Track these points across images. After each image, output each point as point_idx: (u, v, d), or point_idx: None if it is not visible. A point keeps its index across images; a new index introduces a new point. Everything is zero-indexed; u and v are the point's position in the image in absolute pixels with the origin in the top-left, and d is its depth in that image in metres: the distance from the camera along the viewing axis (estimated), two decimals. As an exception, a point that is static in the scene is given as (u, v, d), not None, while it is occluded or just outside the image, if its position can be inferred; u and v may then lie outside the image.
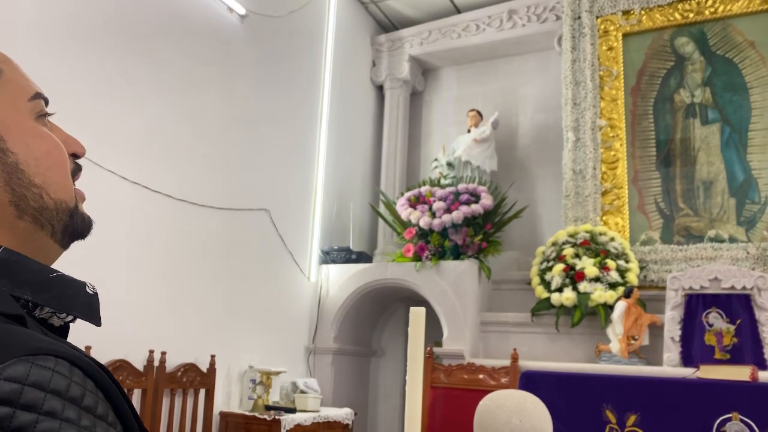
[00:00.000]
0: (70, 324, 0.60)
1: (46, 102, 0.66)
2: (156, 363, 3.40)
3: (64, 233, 0.64)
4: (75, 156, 0.68)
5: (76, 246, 0.67)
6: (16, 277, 0.54)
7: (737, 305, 3.75)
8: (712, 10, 4.64)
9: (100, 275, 3.09)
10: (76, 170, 0.68)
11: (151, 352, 3.39)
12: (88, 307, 0.59)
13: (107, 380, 0.49)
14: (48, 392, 0.44)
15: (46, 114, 0.66)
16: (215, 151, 4.06)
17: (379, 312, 5.39)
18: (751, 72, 4.49)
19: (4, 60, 0.64)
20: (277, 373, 4.10)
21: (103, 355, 3.09)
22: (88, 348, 2.95)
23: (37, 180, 0.60)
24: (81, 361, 0.48)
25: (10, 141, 0.60)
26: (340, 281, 4.90)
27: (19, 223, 0.60)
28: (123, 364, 3.21)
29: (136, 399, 3.33)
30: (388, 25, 6.16)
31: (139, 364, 3.32)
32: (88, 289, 0.60)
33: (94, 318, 0.59)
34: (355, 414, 4.47)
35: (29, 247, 0.60)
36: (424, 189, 4.92)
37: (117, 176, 3.30)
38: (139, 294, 3.42)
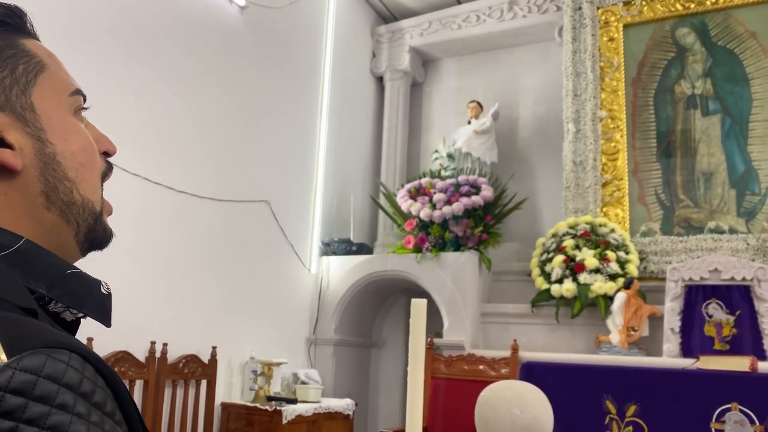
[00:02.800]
0: (82, 320, 0.61)
1: (84, 99, 0.67)
2: (158, 354, 3.41)
3: (86, 236, 0.64)
4: (106, 154, 0.69)
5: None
6: (34, 270, 0.55)
7: (737, 296, 3.76)
8: (714, 0, 4.62)
9: (101, 267, 3.09)
10: (108, 170, 0.69)
11: (153, 343, 3.40)
12: (101, 307, 0.60)
13: (116, 378, 0.50)
14: (62, 385, 0.44)
15: (83, 110, 0.67)
16: (216, 143, 4.05)
17: (380, 303, 5.40)
18: (752, 63, 4.48)
19: (49, 55, 0.65)
20: (278, 364, 4.12)
21: (105, 346, 3.11)
22: (90, 339, 2.97)
23: (70, 174, 0.61)
24: (93, 357, 0.48)
25: (51, 133, 0.60)
26: (340, 273, 4.91)
27: (46, 215, 0.60)
28: (125, 356, 3.22)
29: (137, 390, 3.34)
30: (388, 16, 6.14)
31: (140, 355, 3.33)
32: (102, 289, 0.61)
33: (105, 318, 0.60)
34: (356, 404, 4.49)
35: (53, 240, 0.60)
36: (424, 181, 4.92)
37: (118, 168, 3.29)
38: (141, 285, 3.43)
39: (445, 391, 4.05)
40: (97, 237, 0.65)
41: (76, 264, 0.64)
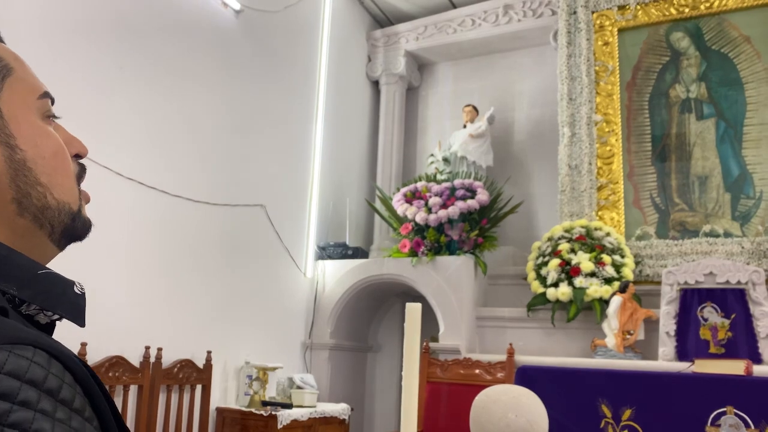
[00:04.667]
0: (57, 322, 0.60)
1: (53, 102, 0.66)
2: (152, 359, 3.39)
3: (62, 234, 0.63)
4: (78, 156, 0.68)
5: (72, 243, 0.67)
6: (4, 271, 0.54)
7: (732, 300, 3.76)
8: (708, 5, 4.64)
9: (95, 272, 3.09)
10: (81, 172, 0.68)
11: (147, 348, 3.38)
12: (74, 307, 0.58)
13: (86, 375, 0.48)
14: (24, 382, 0.43)
15: (53, 115, 0.66)
16: (211, 147, 4.05)
17: (376, 307, 5.39)
18: (747, 67, 4.49)
19: (15, 58, 0.64)
20: (274, 369, 4.10)
21: (99, 351, 3.09)
22: (84, 344, 2.95)
23: (42, 179, 0.60)
24: (61, 354, 0.47)
25: (20, 138, 0.59)
26: (336, 277, 4.90)
27: (18, 221, 0.59)
28: (119, 360, 3.21)
29: (132, 395, 3.32)
30: (383, 20, 6.15)
31: (135, 360, 3.32)
32: (75, 289, 0.59)
33: (79, 318, 0.58)
34: (352, 409, 4.48)
35: (25, 244, 0.59)
36: (420, 184, 4.92)
37: (112, 172, 3.29)
38: (135, 290, 3.41)
39: (441, 396, 4.04)
40: (76, 231, 0.65)
41: (54, 258, 0.64)
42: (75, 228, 0.64)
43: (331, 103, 5.26)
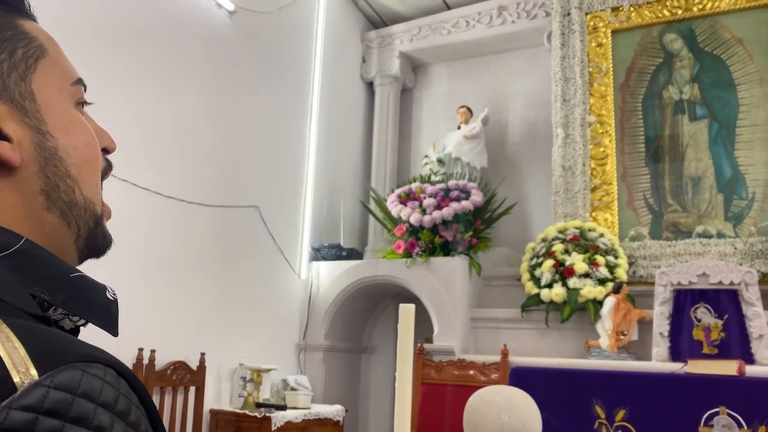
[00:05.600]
0: (81, 328, 0.56)
1: (85, 89, 0.62)
2: (145, 361, 3.38)
3: (86, 241, 0.59)
4: (105, 151, 0.64)
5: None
6: (35, 273, 0.49)
7: (725, 300, 3.78)
8: (700, 6, 4.66)
9: (87, 273, 3.07)
10: (108, 168, 0.64)
11: (141, 350, 3.37)
12: (107, 314, 0.54)
13: (147, 393, 0.46)
14: (99, 405, 0.40)
15: (85, 102, 0.62)
16: (204, 148, 4.04)
17: (370, 309, 5.39)
18: (739, 69, 4.51)
19: (49, 40, 0.60)
20: (268, 371, 4.09)
21: (92, 353, 3.07)
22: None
23: (72, 171, 0.56)
24: (126, 370, 0.44)
25: (52, 125, 0.55)
26: (330, 278, 4.89)
27: (46, 216, 0.54)
28: (112, 363, 3.19)
29: (125, 397, 3.31)
30: (378, 21, 6.15)
31: (128, 361, 3.30)
32: (108, 294, 0.56)
33: (112, 326, 0.55)
34: (346, 411, 4.47)
35: (53, 244, 0.55)
36: (414, 185, 4.92)
37: (105, 173, 3.28)
38: (128, 291, 3.40)
39: (435, 397, 4.04)
40: (97, 242, 0.60)
41: None
42: (96, 236, 0.59)
43: (325, 104, 5.26)
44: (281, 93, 4.81)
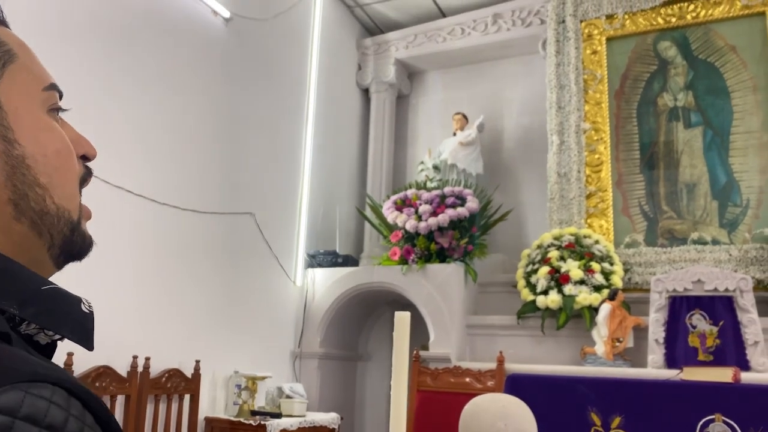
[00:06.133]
0: (59, 342, 0.54)
1: (60, 95, 0.60)
2: (140, 369, 3.36)
3: (62, 249, 0.57)
4: (85, 158, 0.62)
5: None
6: (3, 286, 0.48)
7: (720, 307, 3.78)
8: (694, 14, 4.69)
9: (80, 281, 3.05)
10: (87, 175, 0.61)
11: (135, 357, 3.35)
12: (81, 328, 0.52)
13: (106, 411, 0.44)
14: (43, 428, 0.38)
15: (60, 109, 0.60)
16: (200, 155, 4.03)
17: (366, 316, 5.38)
18: (733, 76, 4.54)
19: (20, 45, 0.58)
20: (263, 378, 4.08)
21: (86, 361, 3.06)
22: (71, 354, 2.92)
23: (42, 179, 0.54)
24: (80, 389, 0.42)
25: (19, 132, 0.53)
26: (326, 285, 4.88)
27: (15, 226, 0.53)
28: (106, 370, 3.17)
29: (119, 406, 3.29)
30: (373, 28, 6.17)
31: (122, 370, 3.28)
32: (83, 307, 0.53)
33: (87, 341, 0.52)
34: (342, 419, 4.46)
35: (23, 256, 0.53)
36: (410, 192, 4.92)
37: (99, 180, 3.26)
38: (122, 299, 3.39)
39: (431, 404, 4.03)
40: (75, 247, 0.58)
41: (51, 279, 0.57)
42: (74, 242, 0.57)
43: (321, 111, 5.26)
44: (277, 100, 4.81)
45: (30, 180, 0.53)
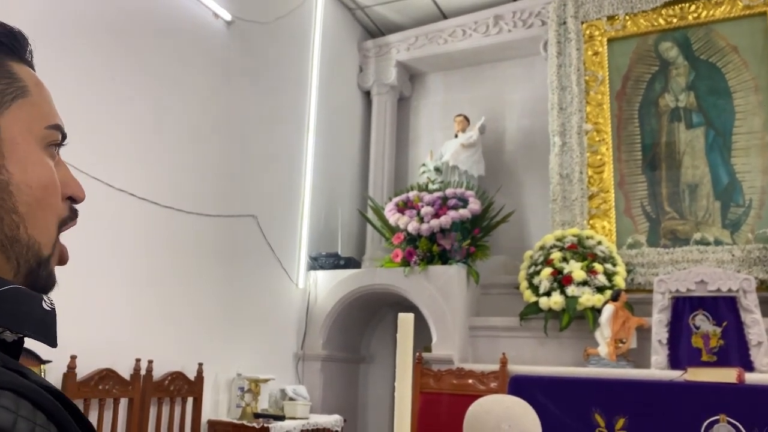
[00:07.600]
0: (26, 338, 0.55)
1: (64, 137, 0.63)
2: (143, 372, 3.36)
3: (26, 278, 0.58)
4: (72, 200, 0.64)
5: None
6: None
7: (723, 307, 3.78)
8: (696, 15, 4.69)
9: (84, 284, 3.06)
10: (72, 216, 0.63)
11: (138, 360, 3.35)
12: (42, 326, 0.53)
13: (68, 420, 0.45)
14: None
15: (58, 147, 0.62)
16: (202, 158, 4.04)
17: (368, 318, 5.38)
18: (734, 76, 4.54)
19: (36, 84, 0.62)
20: (266, 381, 4.07)
21: (89, 363, 3.06)
22: (74, 357, 2.92)
23: (21, 208, 0.56)
24: (43, 398, 0.43)
25: (10, 159, 0.56)
26: (328, 287, 4.88)
27: None
28: (109, 373, 3.17)
29: (122, 409, 3.29)
30: (374, 30, 6.17)
31: (125, 372, 3.28)
32: (44, 305, 0.55)
33: (49, 338, 0.54)
34: (345, 421, 4.45)
35: None
36: (412, 194, 4.92)
37: (102, 183, 3.27)
38: (125, 302, 3.39)
39: (434, 406, 4.02)
40: (39, 282, 0.59)
41: None
42: (39, 276, 0.58)
43: (322, 114, 5.26)
44: (278, 102, 4.82)
45: (9, 206, 0.55)
